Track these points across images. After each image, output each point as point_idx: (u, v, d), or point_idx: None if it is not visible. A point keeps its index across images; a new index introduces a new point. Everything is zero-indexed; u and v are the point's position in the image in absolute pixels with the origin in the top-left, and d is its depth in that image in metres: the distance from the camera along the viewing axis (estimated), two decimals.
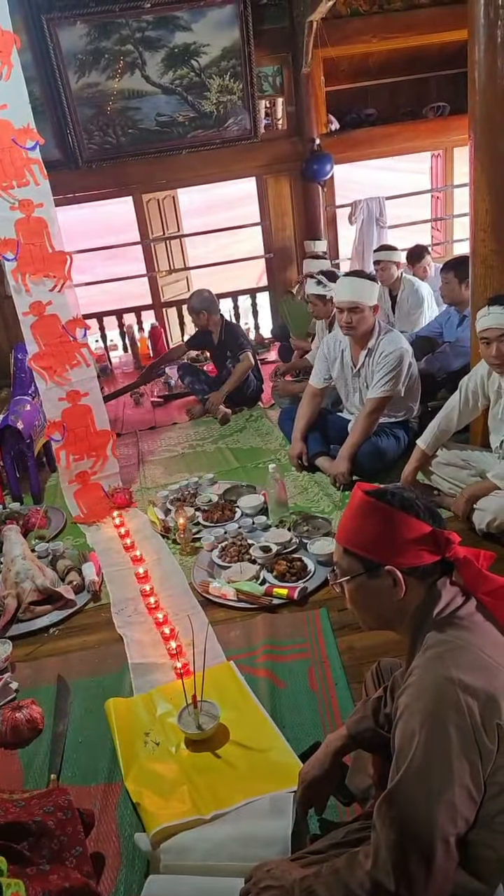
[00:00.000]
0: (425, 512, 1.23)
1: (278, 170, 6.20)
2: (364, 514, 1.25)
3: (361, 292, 3.33)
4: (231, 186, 7.18)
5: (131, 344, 6.47)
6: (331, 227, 6.51)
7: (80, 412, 3.47)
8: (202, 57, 5.53)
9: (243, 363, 4.67)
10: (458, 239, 7.32)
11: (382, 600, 1.24)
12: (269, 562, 2.78)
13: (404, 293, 4.79)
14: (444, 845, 1.03)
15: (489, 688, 1.07)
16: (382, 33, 5.73)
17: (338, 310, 3.41)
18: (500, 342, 2.55)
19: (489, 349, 2.59)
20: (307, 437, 3.68)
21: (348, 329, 3.38)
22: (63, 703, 2.23)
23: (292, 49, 5.74)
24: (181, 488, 3.58)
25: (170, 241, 6.70)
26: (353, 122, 6.67)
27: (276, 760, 1.85)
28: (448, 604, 1.20)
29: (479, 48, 2.59)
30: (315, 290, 4.14)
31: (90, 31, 5.29)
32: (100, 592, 2.84)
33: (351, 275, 3.57)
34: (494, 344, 2.56)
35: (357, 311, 3.32)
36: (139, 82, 5.56)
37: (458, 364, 3.72)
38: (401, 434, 3.50)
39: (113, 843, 1.72)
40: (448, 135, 6.59)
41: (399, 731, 1.11)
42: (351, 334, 3.42)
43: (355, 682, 2.08)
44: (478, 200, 2.80)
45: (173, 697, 2.13)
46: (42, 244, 3.26)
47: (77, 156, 5.71)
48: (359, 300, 3.31)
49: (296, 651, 2.31)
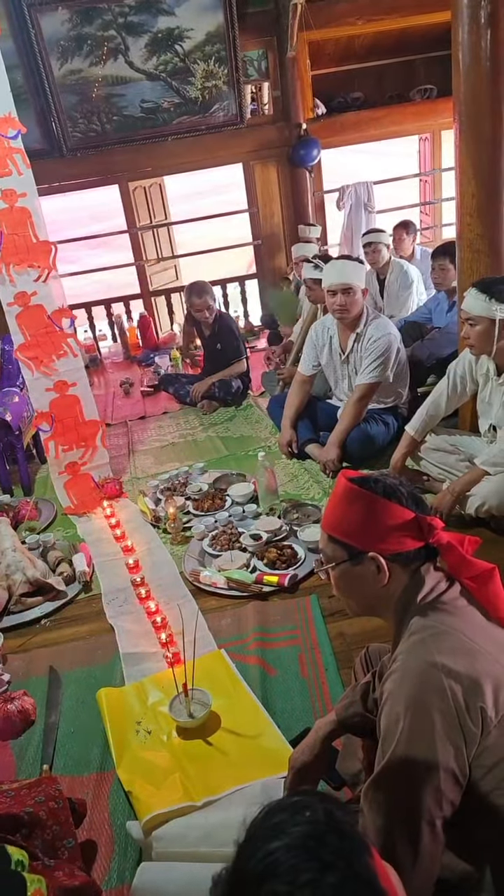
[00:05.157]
0: (408, 498, 1.23)
1: (265, 155, 6.15)
2: (348, 501, 1.25)
3: (352, 274, 3.33)
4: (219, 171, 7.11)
5: (120, 334, 6.43)
6: (319, 212, 6.47)
7: (68, 402, 3.46)
8: (186, 42, 5.45)
9: (235, 367, 4.70)
10: (446, 223, 7.29)
11: (367, 586, 1.24)
12: (260, 550, 2.78)
13: (392, 275, 4.78)
14: (430, 828, 1.04)
15: (472, 672, 1.07)
16: (368, 15, 5.66)
17: (329, 293, 3.39)
18: (468, 324, 2.59)
19: (471, 330, 2.61)
20: (297, 424, 3.67)
21: (341, 312, 3.36)
22: (55, 693, 2.24)
23: (277, 32, 5.68)
24: (171, 478, 3.58)
25: (157, 229, 6.65)
26: (339, 106, 6.60)
27: (268, 747, 1.86)
28: (432, 589, 1.20)
29: (462, 29, 2.56)
30: (312, 273, 4.09)
31: (72, 17, 5.20)
32: (91, 583, 2.84)
33: (339, 258, 3.55)
34: (465, 325, 2.60)
35: (350, 293, 3.31)
36: (123, 68, 5.48)
37: (449, 350, 3.71)
38: (390, 420, 3.50)
39: (105, 832, 1.73)
40: (435, 118, 6.54)
41: (384, 716, 1.11)
42: (343, 317, 3.40)
43: (345, 668, 2.10)
44: (463, 184, 2.79)
45: (164, 686, 2.14)
46: (26, 234, 3.23)
47: (61, 144, 5.64)
48: (350, 282, 3.31)
49: (286, 638, 2.32)
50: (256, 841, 0.70)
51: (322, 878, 0.64)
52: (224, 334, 4.72)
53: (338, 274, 3.36)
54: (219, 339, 4.73)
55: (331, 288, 3.37)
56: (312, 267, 4.13)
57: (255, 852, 0.68)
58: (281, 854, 0.66)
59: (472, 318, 2.57)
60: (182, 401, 4.86)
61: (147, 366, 5.75)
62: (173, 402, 4.92)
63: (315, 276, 4.07)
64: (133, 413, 4.85)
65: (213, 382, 4.66)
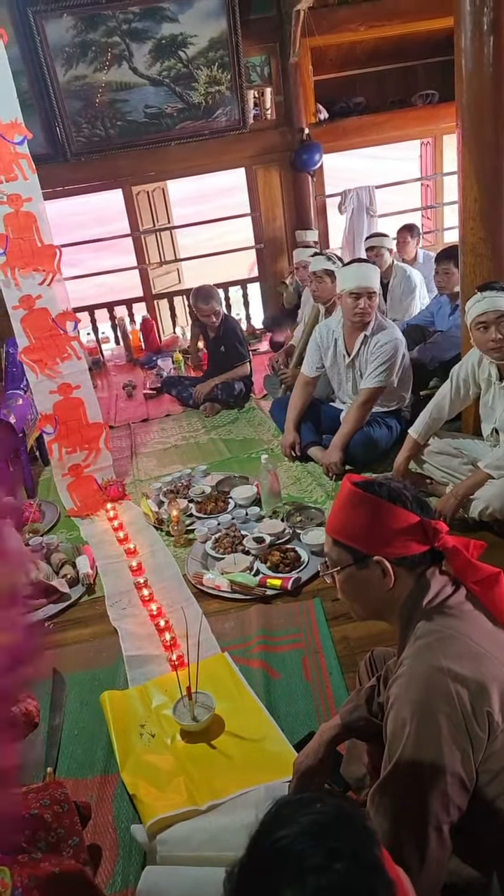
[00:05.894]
0: (413, 502, 1.24)
1: (268, 160, 6.17)
2: (352, 504, 1.25)
3: (374, 278, 3.37)
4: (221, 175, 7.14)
5: (123, 336, 6.44)
6: (321, 216, 6.48)
7: (71, 405, 3.47)
8: (189, 48, 5.47)
9: (239, 370, 4.73)
10: (448, 227, 7.31)
11: (372, 590, 1.24)
12: (263, 552, 2.79)
13: (396, 279, 4.79)
14: (437, 833, 1.04)
15: (479, 676, 1.08)
16: (370, 21, 5.68)
17: (350, 297, 3.35)
18: (499, 324, 2.54)
19: (487, 334, 2.58)
20: (300, 426, 3.68)
21: (363, 315, 3.36)
22: (59, 696, 2.24)
23: (280, 39, 5.70)
24: (174, 480, 3.58)
25: (160, 232, 6.67)
26: (341, 111, 6.62)
27: (271, 751, 1.86)
28: (437, 593, 1.21)
29: (465, 36, 2.58)
30: (325, 264, 3.99)
31: (77, 24, 5.23)
32: (94, 585, 2.85)
33: (356, 261, 3.54)
34: (493, 327, 2.55)
35: (373, 297, 3.35)
36: (127, 74, 5.50)
37: (451, 354, 3.70)
38: (393, 424, 3.51)
39: (110, 835, 1.73)
40: (437, 122, 6.56)
41: (390, 721, 1.11)
42: (363, 320, 3.39)
43: (350, 672, 2.10)
44: (466, 189, 2.80)
45: (168, 689, 2.14)
46: (31, 238, 3.24)
47: (66, 149, 5.66)
48: (374, 285, 3.34)
49: (290, 641, 2.33)
50: (267, 830, 0.71)
51: (329, 864, 0.65)
52: (228, 337, 4.73)
53: (362, 277, 3.34)
54: (223, 342, 4.74)
55: (355, 291, 3.33)
56: (325, 258, 4.05)
57: (265, 840, 0.69)
58: (289, 841, 0.68)
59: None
60: (185, 403, 4.87)
61: (150, 368, 5.76)
62: (176, 404, 4.93)
63: (327, 266, 3.97)
64: (136, 415, 4.86)
65: (216, 385, 4.67)
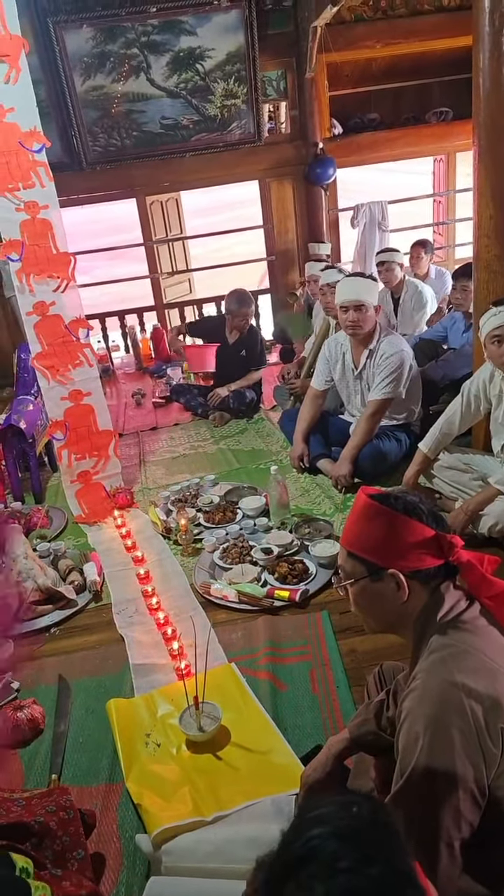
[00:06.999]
0: (429, 516, 1.24)
1: (281, 173, 6.22)
2: (368, 517, 1.25)
3: (363, 291, 3.36)
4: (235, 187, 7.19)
5: (133, 345, 6.47)
6: (333, 230, 6.52)
7: (82, 412, 3.48)
8: (207, 61, 5.55)
9: (254, 374, 4.76)
10: (460, 243, 7.33)
11: (386, 603, 1.24)
12: (271, 564, 2.78)
13: (407, 294, 4.81)
14: (448, 849, 1.03)
15: (493, 692, 1.07)
16: (386, 39, 5.75)
17: (341, 310, 3.41)
18: None
19: (501, 348, 2.59)
20: (309, 438, 3.68)
21: (354, 328, 3.38)
22: (64, 702, 2.24)
23: (296, 54, 5.76)
24: (182, 489, 3.59)
25: (172, 242, 6.71)
26: (356, 126, 6.68)
27: (278, 763, 1.85)
28: (452, 607, 1.21)
29: (483, 55, 2.59)
30: (335, 277, 4.02)
31: (96, 35, 5.31)
32: (101, 592, 2.85)
33: (352, 275, 3.57)
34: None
35: (361, 310, 3.34)
36: (144, 85, 5.58)
37: (463, 372, 3.66)
38: (402, 437, 3.51)
39: (114, 844, 1.72)
40: (450, 140, 6.60)
41: (403, 735, 1.11)
42: (356, 334, 3.42)
43: (357, 686, 2.09)
44: (481, 206, 2.81)
45: (174, 698, 2.13)
46: (46, 245, 3.27)
47: (82, 158, 5.72)
48: (362, 298, 3.33)
49: (297, 653, 2.32)
50: (301, 827, 0.71)
51: (360, 868, 0.65)
52: (251, 341, 4.77)
53: (350, 291, 3.38)
54: (245, 346, 4.76)
55: (343, 304, 3.39)
56: (336, 271, 4.11)
57: (298, 837, 0.69)
58: (322, 841, 0.67)
59: None
60: (194, 412, 4.88)
61: (159, 377, 5.78)
62: (185, 413, 4.94)
63: (338, 278, 3.98)
64: (145, 424, 4.87)
65: (232, 391, 4.68)
